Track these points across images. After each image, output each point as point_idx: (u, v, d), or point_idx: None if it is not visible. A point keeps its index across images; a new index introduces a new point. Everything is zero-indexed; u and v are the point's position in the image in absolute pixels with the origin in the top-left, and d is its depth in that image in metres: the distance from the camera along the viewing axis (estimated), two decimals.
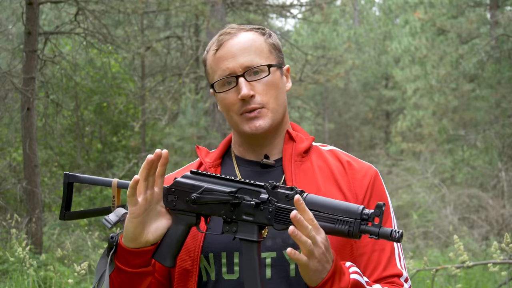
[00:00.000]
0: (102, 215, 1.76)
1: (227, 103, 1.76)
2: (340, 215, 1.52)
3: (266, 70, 1.75)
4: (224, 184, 1.64)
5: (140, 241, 1.64)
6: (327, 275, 1.54)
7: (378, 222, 1.50)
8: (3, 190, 9.42)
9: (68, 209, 1.80)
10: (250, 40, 1.77)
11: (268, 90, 1.75)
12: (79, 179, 1.81)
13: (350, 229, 1.51)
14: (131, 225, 1.62)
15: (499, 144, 12.95)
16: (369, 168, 1.82)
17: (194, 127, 12.15)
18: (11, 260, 6.51)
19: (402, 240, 1.48)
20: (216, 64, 1.76)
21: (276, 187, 1.59)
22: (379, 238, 1.50)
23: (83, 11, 9.39)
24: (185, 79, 13.10)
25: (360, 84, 24.10)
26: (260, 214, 1.58)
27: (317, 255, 1.51)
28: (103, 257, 1.71)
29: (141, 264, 1.67)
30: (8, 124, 10.52)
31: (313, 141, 1.86)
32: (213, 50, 1.78)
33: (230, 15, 13.60)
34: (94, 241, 8.72)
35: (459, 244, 4.50)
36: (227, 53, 1.75)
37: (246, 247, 1.60)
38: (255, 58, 1.75)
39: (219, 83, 1.76)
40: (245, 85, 1.72)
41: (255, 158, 1.82)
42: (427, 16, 15.72)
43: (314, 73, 15.23)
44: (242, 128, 1.76)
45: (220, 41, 1.77)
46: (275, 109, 1.76)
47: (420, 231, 11.16)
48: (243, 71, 1.73)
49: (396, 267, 1.74)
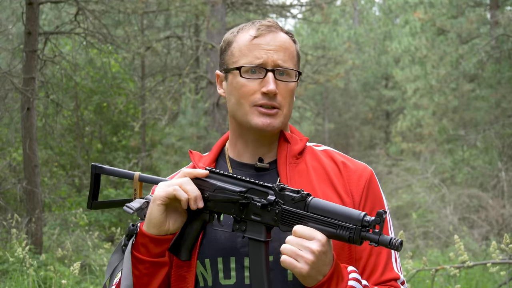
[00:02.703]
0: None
1: (245, 90, 1.75)
2: (342, 220, 1.55)
3: (294, 76, 1.77)
4: (235, 184, 1.68)
5: (163, 228, 1.67)
6: (324, 279, 1.55)
7: (378, 230, 1.52)
8: (3, 190, 9.42)
9: (95, 199, 1.87)
10: (287, 43, 1.78)
11: (288, 95, 1.76)
12: (104, 170, 1.88)
13: (351, 235, 1.53)
14: (158, 209, 1.66)
15: (499, 144, 12.95)
16: (365, 169, 1.81)
17: (194, 127, 12.15)
18: (11, 260, 6.51)
19: (401, 249, 1.50)
20: (250, 50, 1.75)
21: (283, 189, 1.62)
22: (379, 245, 1.51)
23: (83, 11, 9.38)
24: (185, 79, 13.10)
25: (360, 84, 24.10)
26: (267, 215, 1.62)
27: (310, 263, 1.52)
28: (117, 251, 1.73)
29: (159, 253, 1.69)
30: (8, 124, 10.52)
31: (308, 141, 1.87)
32: (250, 35, 1.76)
33: (230, 15, 13.61)
34: (94, 241, 8.72)
35: (459, 244, 4.50)
36: (266, 44, 1.75)
37: (254, 246, 1.64)
38: (288, 61, 1.76)
39: (245, 68, 1.75)
40: (273, 81, 1.73)
41: (249, 161, 1.82)
42: (427, 16, 15.72)
43: (314, 73, 15.24)
44: (251, 120, 1.75)
45: (261, 31, 1.76)
46: (287, 115, 1.78)
47: (420, 231, 11.16)
48: (274, 68, 1.74)
49: (394, 271, 1.75)
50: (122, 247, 1.73)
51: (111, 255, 1.74)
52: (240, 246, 1.72)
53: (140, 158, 13.46)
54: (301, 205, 1.59)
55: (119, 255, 1.73)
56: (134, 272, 1.69)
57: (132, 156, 14.05)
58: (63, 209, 10.65)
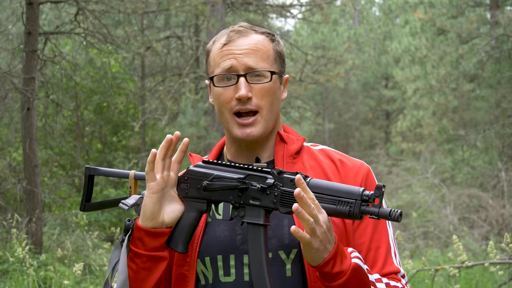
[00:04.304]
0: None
1: (222, 99, 1.76)
2: (341, 196, 1.57)
3: (268, 76, 1.76)
4: (233, 172, 1.69)
5: (158, 221, 1.67)
6: (329, 255, 1.56)
7: (378, 203, 1.54)
8: (3, 190, 9.42)
9: (89, 201, 1.88)
10: (259, 43, 1.77)
11: (265, 96, 1.76)
12: (98, 171, 1.88)
13: (351, 209, 1.55)
14: (150, 200, 1.66)
15: (499, 144, 12.95)
16: (361, 166, 1.83)
17: (194, 127, 12.15)
18: (11, 260, 6.51)
19: (401, 219, 1.52)
20: (221, 58, 1.76)
21: (282, 172, 1.64)
22: (379, 218, 1.53)
23: (83, 11, 9.38)
24: (185, 79, 13.09)
25: (360, 84, 24.10)
26: (266, 198, 1.63)
27: (319, 234, 1.53)
28: (117, 248, 1.74)
29: (157, 247, 1.69)
30: (8, 124, 10.52)
31: (306, 141, 1.88)
32: (220, 43, 1.78)
33: (230, 15, 13.60)
34: (94, 241, 8.72)
35: (458, 244, 4.51)
36: (234, 50, 1.75)
37: (253, 230, 1.64)
38: (260, 62, 1.75)
39: (218, 77, 1.76)
40: (244, 85, 1.73)
41: (247, 162, 1.82)
42: (427, 16, 15.72)
43: (314, 73, 15.23)
44: (233, 131, 1.77)
45: (230, 37, 1.77)
46: (268, 117, 1.77)
47: (420, 231, 11.15)
48: (246, 72, 1.74)
49: (394, 264, 1.76)
50: (120, 243, 1.73)
51: (112, 253, 1.74)
52: (239, 244, 1.73)
53: (140, 158, 13.45)
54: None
55: (119, 251, 1.73)
56: (132, 266, 1.69)
57: (132, 156, 14.04)
58: (63, 209, 10.65)
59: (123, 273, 1.68)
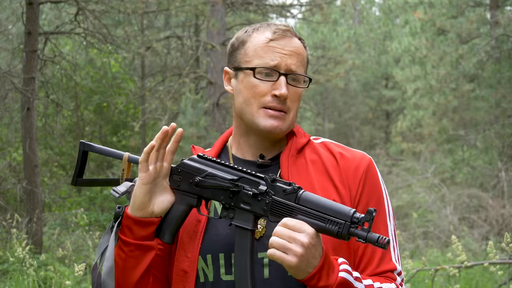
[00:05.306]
0: (111, 186, 1.83)
1: (257, 91, 1.77)
2: (331, 215, 1.57)
3: (305, 81, 1.81)
4: (227, 171, 1.69)
5: (147, 211, 1.69)
6: (314, 270, 1.56)
7: (367, 227, 1.54)
8: (3, 190, 9.42)
9: (81, 176, 1.88)
10: (300, 48, 1.81)
11: (296, 100, 1.79)
12: (93, 148, 1.88)
13: (339, 230, 1.56)
14: (140, 191, 1.68)
15: (499, 144, 12.95)
16: (362, 158, 1.83)
17: (194, 127, 12.14)
18: (11, 260, 6.51)
19: (387, 247, 1.53)
20: (265, 52, 1.77)
21: (275, 180, 1.64)
22: (366, 242, 1.54)
23: (83, 11, 9.38)
24: (185, 79, 13.09)
25: (360, 84, 24.10)
26: (257, 205, 1.64)
27: (299, 253, 1.54)
28: (107, 233, 1.74)
29: (145, 236, 1.70)
30: (8, 124, 10.52)
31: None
32: (266, 37, 1.78)
33: (230, 15, 13.61)
34: (94, 241, 8.72)
35: (457, 244, 4.51)
36: (281, 48, 1.77)
37: (240, 234, 1.66)
38: (300, 67, 1.79)
39: (260, 69, 1.76)
40: (285, 85, 1.75)
41: (252, 158, 1.83)
42: (427, 16, 15.72)
43: (314, 73, 15.24)
44: (258, 121, 1.77)
45: (278, 34, 1.78)
46: (293, 120, 1.80)
47: (420, 231, 11.15)
48: (287, 72, 1.76)
49: (391, 262, 1.76)
50: (110, 229, 1.74)
51: (101, 237, 1.75)
52: None
53: None
54: (292, 197, 1.61)
55: (108, 237, 1.74)
56: (120, 254, 1.71)
57: None
58: (63, 209, 10.65)
59: (110, 260, 1.69)
